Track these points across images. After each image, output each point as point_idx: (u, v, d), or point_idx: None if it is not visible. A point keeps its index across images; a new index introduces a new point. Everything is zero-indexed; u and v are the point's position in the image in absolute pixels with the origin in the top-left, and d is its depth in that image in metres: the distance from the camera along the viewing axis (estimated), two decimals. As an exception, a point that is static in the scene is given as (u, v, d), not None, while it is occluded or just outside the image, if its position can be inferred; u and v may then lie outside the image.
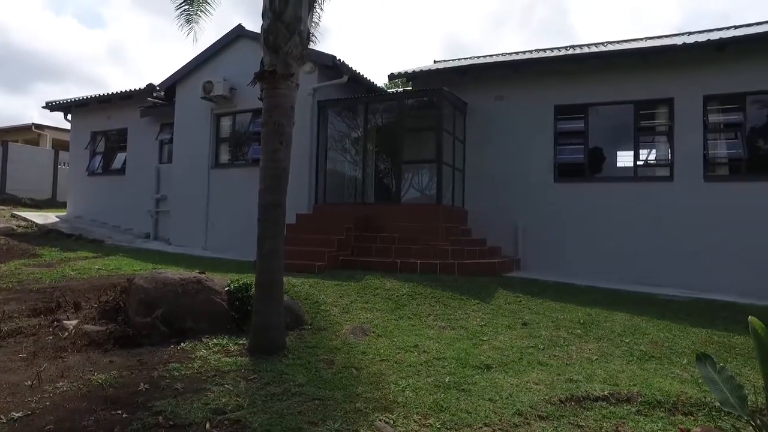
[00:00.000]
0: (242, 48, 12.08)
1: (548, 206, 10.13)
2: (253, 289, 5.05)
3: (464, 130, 11.00)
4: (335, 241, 9.03)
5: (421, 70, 11.61)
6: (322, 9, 7.06)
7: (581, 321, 6.18)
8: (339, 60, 10.77)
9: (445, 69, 11.62)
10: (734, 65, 8.98)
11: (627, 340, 5.55)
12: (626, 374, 4.48)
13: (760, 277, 8.31)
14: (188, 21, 7.32)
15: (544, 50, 13.02)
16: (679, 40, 9.83)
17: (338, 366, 4.44)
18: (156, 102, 14.33)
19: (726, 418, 3.46)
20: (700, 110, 9.22)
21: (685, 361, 4.89)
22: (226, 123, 12.93)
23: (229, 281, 5.69)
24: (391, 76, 11.93)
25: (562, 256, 9.88)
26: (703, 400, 3.75)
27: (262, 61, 5.04)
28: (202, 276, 5.71)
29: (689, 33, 12.11)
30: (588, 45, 12.70)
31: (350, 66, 11.14)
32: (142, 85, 14.38)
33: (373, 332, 5.52)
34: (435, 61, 14.79)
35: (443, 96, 9.97)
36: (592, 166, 10.42)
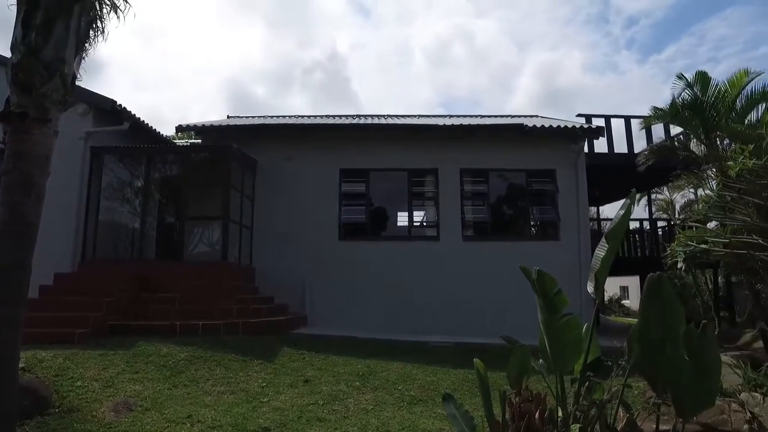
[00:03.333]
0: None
1: (334, 263, 10.63)
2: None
3: (253, 187, 11.03)
4: (104, 303, 7.96)
5: (212, 124, 11.43)
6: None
7: (360, 373, 6.51)
8: (120, 105, 9.94)
9: (236, 126, 11.65)
10: (480, 146, 11.00)
11: (400, 388, 6.02)
12: (397, 420, 4.85)
13: (504, 320, 9.85)
14: None
15: (332, 116, 14.06)
16: (441, 121, 11.68)
17: (90, 452, 3.86)
18: None
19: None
20: (457, 181, 10.96)
21: (444, 402, 5.49)
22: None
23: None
24: (179, 128, 11.44)
25: (347, 311, 10.36)
26: (454, 435, 4.25)
27: (8, 99, 4.38)
28: None
29: (450, 116, 14.47)
30: (372, 116, 14.15)
31: (133, 113, 10.36)
32: None
33: (141, 406, 4.96)
34: (228, 116, 14.71)
35: (232, 153, 9.91)
36: (374, 225, 11.38)
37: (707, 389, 2.42)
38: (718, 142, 9.15)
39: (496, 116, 14.23)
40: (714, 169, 8.75)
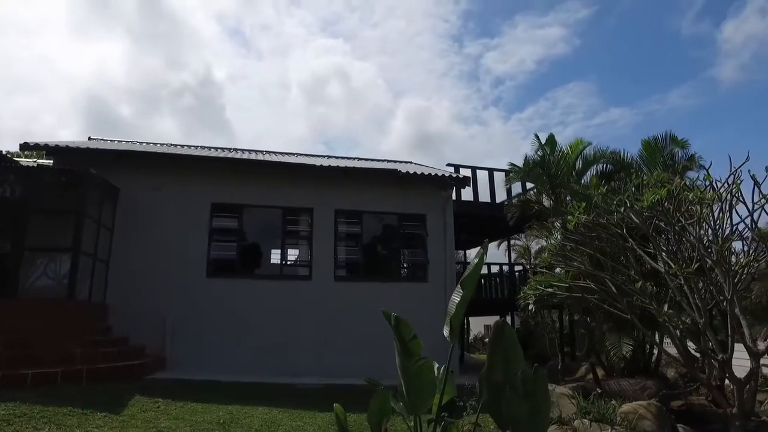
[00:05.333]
0: None
1: (200, 302, 10.02)
2: None
3: (113, 217, 10.10)
4: None
5: (67, 145, 10.37)
6: None
7: (221, 421, 6.12)
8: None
9: (97, 150, 10.66)
10: (356, 188, 11.30)
11: (263, 435, 5.76)
12: (256, 471, 4.60)
13: (374, 360, 9.97)
14: None
15: (207, 148, 13.54)
16: (318, 161, 11.82)
17: None
18: None
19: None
20: (332, 221, 11.09)
21: (308, 448, 5.35)
22: None
23: None
24: (25, 146, 10.13)
25: (213, 353, 9.75)
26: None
27: None
28: None
29: (329, 156, 14.71)
30: (248, 150, 13.88)
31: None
32: None
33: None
34: (90, 138, 13.49)
35: (89, 178, 9.05)
36: (245, 263, 11.00)
37: (540, 423, 2.68)
38: (563, 198, 10.43)
39: (372, 160, 14.79)
40: (559, 222, 9.91)
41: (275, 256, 11.40)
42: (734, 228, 5.91)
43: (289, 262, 11.30)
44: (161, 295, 9.82)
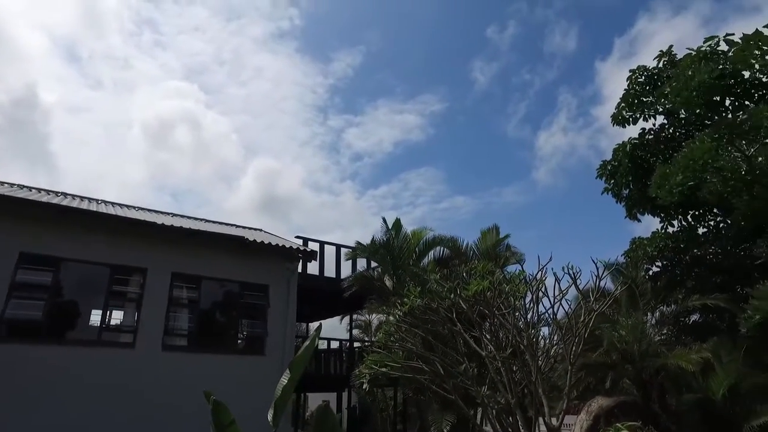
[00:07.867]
0: None
1: (-16, 372, 8.27)
2: None
3: None
4: None
5: None
6: None
7: None
8: None
9: None
10: (198, 251, 10.66)
11: None
12: None
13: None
14: None
15: (25, 187, 11.78)
16: (159, 218, 10.99)
17: None
18: None
19: None
20: (167, 285, 10.18)
21: None
22: None
23: None
24: None
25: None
26: None
27: None
28: None
29: (173, 214, 13.79)
30: (80, 197, 12.37)
31: None
32: None
33: None
34: None
35: None
36: (54, 326, 9.45)
37: None
38: (403, 279, 11.04)
39: (219, 223, 14.21)
40: (399, 301, 10.40)
41: (95, 319, 10.01)
42: (541, 317, 6.83)
43: (112, 327, 9.99)
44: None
